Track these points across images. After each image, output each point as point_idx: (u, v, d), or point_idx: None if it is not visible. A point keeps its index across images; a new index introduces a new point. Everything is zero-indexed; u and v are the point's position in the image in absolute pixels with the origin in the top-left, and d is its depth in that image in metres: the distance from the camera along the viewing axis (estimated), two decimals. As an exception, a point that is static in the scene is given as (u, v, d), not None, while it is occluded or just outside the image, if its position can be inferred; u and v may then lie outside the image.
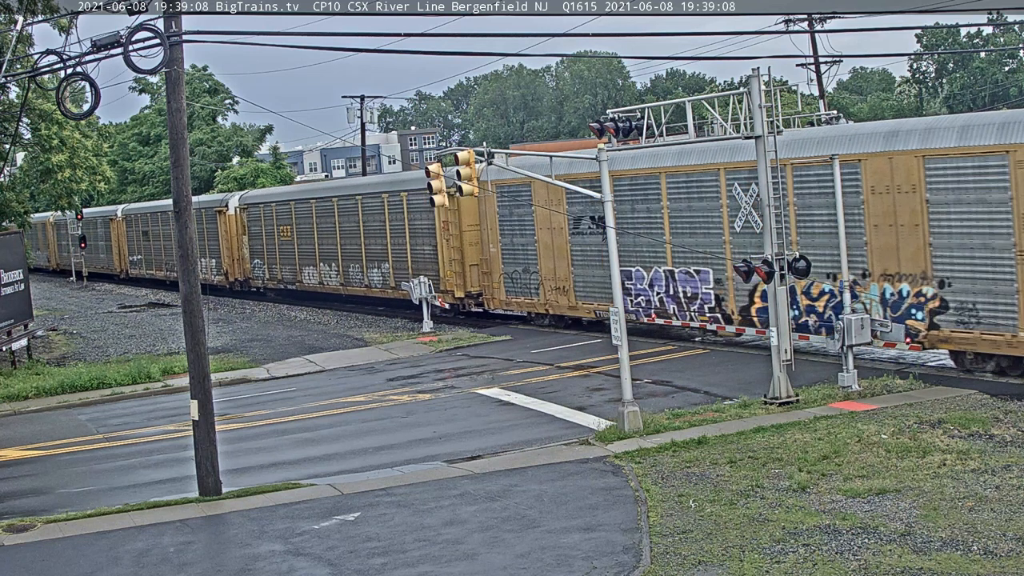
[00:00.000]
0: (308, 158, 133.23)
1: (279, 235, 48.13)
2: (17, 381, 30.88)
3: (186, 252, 18.52)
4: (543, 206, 32.51)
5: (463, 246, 36.67)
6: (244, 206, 51.22)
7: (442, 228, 37.03)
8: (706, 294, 28.11)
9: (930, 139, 22.43)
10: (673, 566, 12.98)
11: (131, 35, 17.08)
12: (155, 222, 60.29)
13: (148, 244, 61.63)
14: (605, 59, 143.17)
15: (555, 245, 32.76)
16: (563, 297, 32.84)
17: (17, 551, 15.79)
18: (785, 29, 47.54)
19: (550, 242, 32.93)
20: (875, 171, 23.47)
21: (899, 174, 22.94)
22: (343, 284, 43.87)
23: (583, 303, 32.09)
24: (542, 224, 33.12)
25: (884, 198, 23.26)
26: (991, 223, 21.41)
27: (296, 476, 19.05)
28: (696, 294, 28.41)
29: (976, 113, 22.85)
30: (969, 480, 15.35)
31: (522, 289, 34.57)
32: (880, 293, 23.81)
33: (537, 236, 33.49)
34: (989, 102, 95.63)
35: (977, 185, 21.54)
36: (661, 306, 29.47)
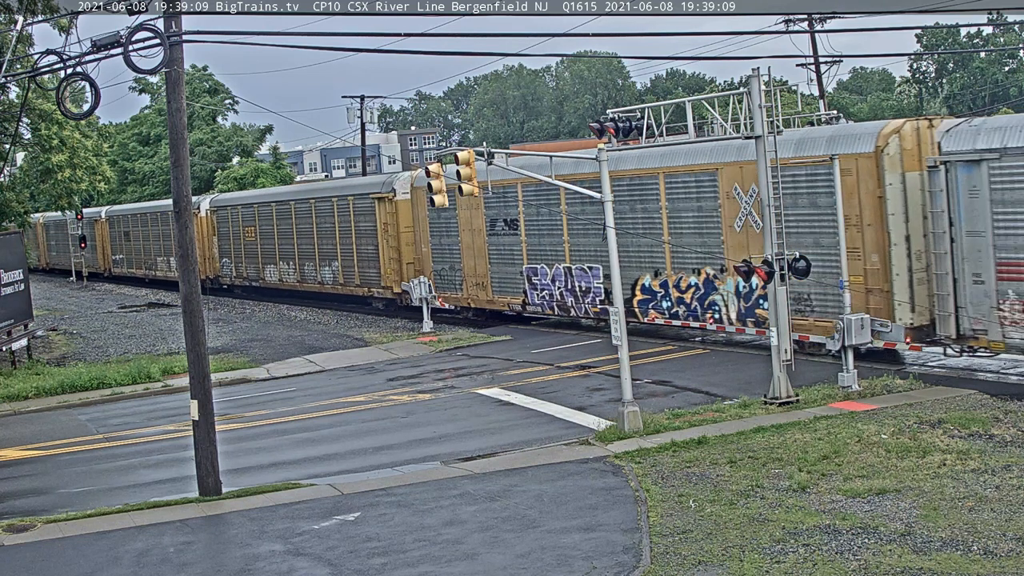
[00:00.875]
0: (308, 158, 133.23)
1: (244, 236, 51.33)
2: (17, 381, 30.88)
3: (186, 252, 18.53)
4: (465, 209, 35.60)
5: (400, 246, 39.88)
6: (214, 208, 54.64)
7: (382, 230, 40.38)
8: (597, 288, 31.44)
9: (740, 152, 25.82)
10: (673, 566, 12.98)
11: (131, 35, 17.08)
12: (135, 224, 63.02)
13: (129, 244, 64.81)
14: (605, 59, 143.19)
15: (475, 246, 35.91)
16: (482, 292, 36.08)
17: (17, 551, 15.79)
18: (785, 29, 47.56)
19: (471, 243, 36.07)
20: (729, 178, 26.63)
21: (748, 181, 25.87)
22: (299, 281, 47.42)
23: (499, 297, 35.33)
24: (464, 227, 36.21)
25: (734, 202, 26.44)
26: (820, 224, 24.45)
27: (296, 476, 19.05)
28: (589, 288, 31.71)
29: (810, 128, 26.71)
30: (969, 480, 15.35)
31: (449, 285, 37.60)
32: (735, 286, 26.95)
33: (460, 237, 36.54)
34: (989, 102, 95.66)
35: (809, 190, 24.52)
36: (561, 299, 32.76)
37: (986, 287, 21.68)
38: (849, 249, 23.44)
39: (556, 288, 32.79)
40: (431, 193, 22.32)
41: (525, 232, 33.66)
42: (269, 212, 49.03)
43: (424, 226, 38.37)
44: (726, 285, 27.02)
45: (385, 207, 40.19)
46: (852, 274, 23.56)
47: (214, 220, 54.39)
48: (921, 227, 23.40)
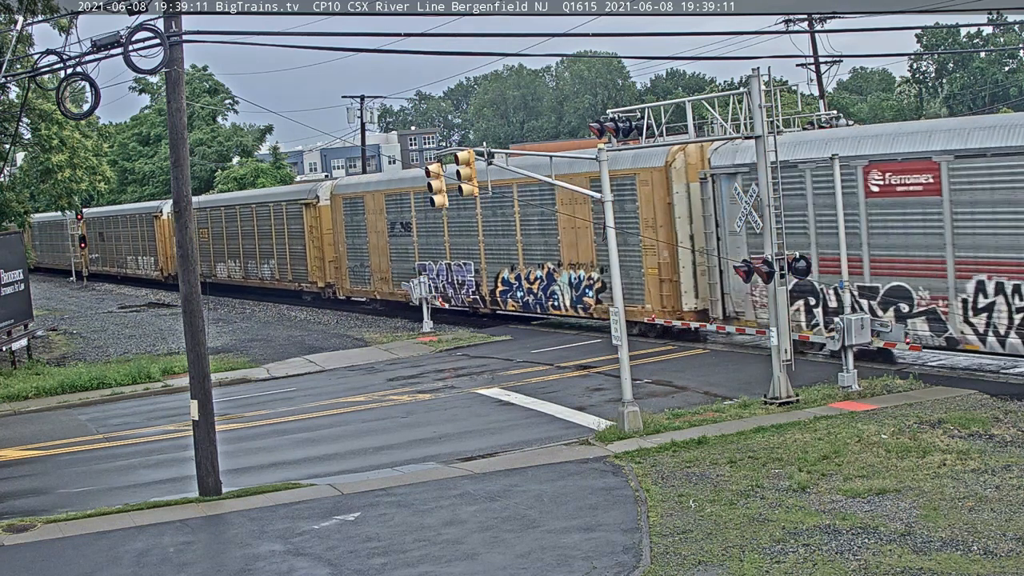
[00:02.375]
0: (308, 158, 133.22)
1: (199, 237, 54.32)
2: (17, 381, 30.88)
3: (186, 252, 18.54)
4: (372, 213, 41.36)
5: (323, 246, 45.14)
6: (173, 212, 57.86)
7: (308, 232, 45.64)
8: (470, 281, 36.65)
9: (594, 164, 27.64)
10: (673, 566, 12.98)
11: (131, 35, 17.08)
12: (109, 225, 67.75)
13: (104, 244, 69.65)
14: (605, 59, 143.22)
15: (379, 245, 41.24)
16: (385, 285, 41.33)
17: (17, 551, 15.79)
18: (785, 29, 47.57)
19: (376, 243, 41.35)
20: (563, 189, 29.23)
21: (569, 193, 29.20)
22: (244, 277, 52.74)
23: (398, 289, 40.33)
24: (371, 229, 41.52)
25: (569, 207, 31.16)
26: (628, 225, 29.43)
27: (296, 476, 19.05)
28: (464, 281, 36.94)
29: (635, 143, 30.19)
30: (969, 480, 15.35)
31: (360, 280, 42.90)
32: (568, 278, 32.29)
33: (368, 238, 41.82)
34: (989, 102, 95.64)
35: (619, 197, 28.21)
36: (444, 290, 37.94)
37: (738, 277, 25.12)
38: (646, 246, 29.06)
39: (440, 281, 37.99)
40: (431, 193, 22.32)
41: (417, 234, 39.11)
42: (219, 215, 54.21)
43: (341, 228, 43.49)
44: (562, 278, 32.74)
45: (311, 212, 45.51)
46: (649, 267, 29.28)
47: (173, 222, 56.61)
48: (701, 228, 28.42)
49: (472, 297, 36.52)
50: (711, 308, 28.27)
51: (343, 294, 44.56)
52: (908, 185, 23.44)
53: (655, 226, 29.00)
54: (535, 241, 33.54)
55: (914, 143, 23.10)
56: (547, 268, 32.93)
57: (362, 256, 42.30)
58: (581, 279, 31.77)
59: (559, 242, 32.57)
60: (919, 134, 23.33)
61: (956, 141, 22.10)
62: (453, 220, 36.82)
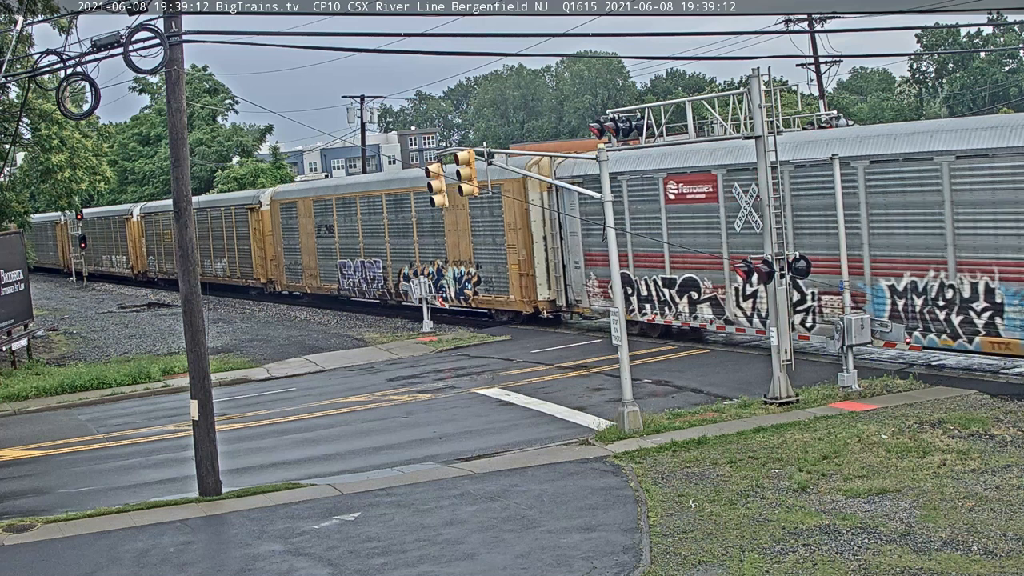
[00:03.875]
0: (308, 158, 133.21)
1: (164, 238, 61.04)
2: (17, 381, 30.87)
3: (186, 252, 18.52)
4: (302, 217, 46.58)
5: (265, 246, 50.38)
6: (143, 214, 65.06)
7: (253, 234, 50.65)
8: (379, 277, 41.54)
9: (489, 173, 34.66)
10: (673, 566, 12.98)
11: (131, 35, 17.08)
12: (87, 227, 71.30)
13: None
14: (605, 59, 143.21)
15: (308, 245, 46.34)
16: (314, 280, 46.47)
17: (17, 551, 15.79)
18: (785, 29, 47.56)
19: (306, 243, 46.50)
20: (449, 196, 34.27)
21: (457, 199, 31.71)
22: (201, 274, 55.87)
23: (324, 284, 45.66)
24: (302, 231, 46.81)
25: (452, 212, 35.85)
26: (495, 227, 35.15)
27: (296, 476, 19.05)
28: (375, 277, 41.76)
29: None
30: (969, 480, 15.35)
31: (294, 276, 48.19)
32: (452, 273, 37.39)
33: (299, 239, 47.03)
34: (989, 102, 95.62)
35: (488, 203, 34.38)
36: (359, 285, 42.76)
37: (580, 271, 32.59)
38: (509, 245, 34.59)
39: (356, 277, 43.00)
40: (432, 193, 22.31)
41: (338, 235, 44.05)
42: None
43: (279, 231, 48.85)
44: (449, 273, 37.73)
45: (255, 216, 50.64)
46: (512, 264, 34.60)
47: (143, 224, 64.66)
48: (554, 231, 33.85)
49: (381, 291, 41.72)
50: (557, 297, 34.07)
51: (281, 289, 50.13)
52: (695, 194, 28.08)
53: (516, 229, 34.32)
54: (428, 242, 38.81)
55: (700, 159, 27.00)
56: (437, 265, 38.33)
57: (295, 255, 47.65)
58: (463, 274, 36.98)
59: (446, 243, 37.75)
60: (703, 152, 27.00)
61: (730, 157, 25.73)
62: (366, 223, 42.20)
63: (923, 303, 23.00)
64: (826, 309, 24.73)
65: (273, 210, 49.27)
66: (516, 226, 34.31)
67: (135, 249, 65.82)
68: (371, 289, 42.16)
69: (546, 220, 33.77)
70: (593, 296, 31.93)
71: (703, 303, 28.27)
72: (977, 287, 21.89)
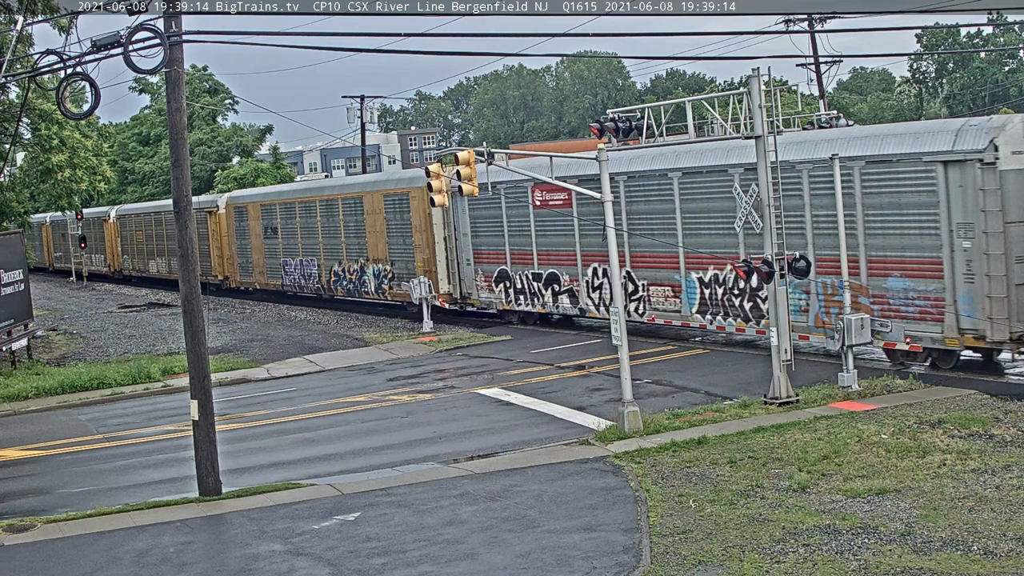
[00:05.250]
0: (308, 158, 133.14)
1: (136, 238, 66.92)
2: (17, 381, 30.87)
3: (186, 252, 18.52)
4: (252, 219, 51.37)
5: (222, 246, 54.94)
6: (119, 216, 70.39)
7: (211, 235, 55.20)
8: (315, 274, 46.38)
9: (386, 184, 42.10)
10: (673, 566, 12.98)
11: (131, 35, 17.07)
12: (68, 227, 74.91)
13: (65, 244, 77.62)
14: (605, 59, 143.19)
15: (257, 246, 51.27)
16: (262, 277, 51.26)
17: (17, 551, 15.79)
18: (785, 29, 47.55)
19: (255, 244, 51.35)
20: (369, 202, 41.91)
21: (375, 204, 41.41)
22: (168, 271, 62.12)
23: (270, 280, 50.61)
24: (252, 232, 51.51)
25: (372, 216, 41.41)
26: (404, 229, 39.80)
27: (296, 476, 19.05)
28: (311, 274, 46.58)
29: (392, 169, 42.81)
30: (969, 480, 15.35)
31: (246, 273, 52.65)
32: (372, 270, 41.92)
33: (249, 240, 51.54)
34: (989, 102, 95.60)
35: (399, 209, 39.84)
36: (299, 281, 47.81)
37: (471, 267, 37.11)
38: (416, 245, 39.08)
39: (297, 274, 47.79)
40: (431, 193, 22.31)
41: (281, 236, 48.84)
42: (149, 220, 65.25)
43: (232, 232, 53.55)
44: (370, 270, 42.17)
45: (213, 218, 55.19)
46: (418, 261, 38.87)
47: (118, 225, 69.96)
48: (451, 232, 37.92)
49: (316, 286, 46.32)
50: (454, 291, 38.17)
51: (235, 285, 54.50)
52: (555, 201, 32.76)
53: (421, 231, 38.82)
54: (353, 242, 43.25)
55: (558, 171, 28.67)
56: (360, 263, 42.82)
57: (247, 254, 52.33)
58: (380, 271, 41.45)
59: (367, 243, 42.17)
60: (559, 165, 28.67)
61: (583, 169, 27.41)
62: (303, 225, 47.05)
63: (723, 293, 27.58)
64: (653, 298, 29.91)
65: (228, 213, 53.76)
66: (421, 228, 38.75)
67: (111, 248, 71.02)
68: (308, 284, 47.20)
69: (446, 223, 38.06)
70: (481, 289, 36.77)
71: (563, 294, 33.14)
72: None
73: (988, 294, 21.49)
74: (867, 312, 23.21)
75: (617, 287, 20.89)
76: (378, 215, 40.94)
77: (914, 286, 23.09)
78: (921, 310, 22.99)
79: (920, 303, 23.01)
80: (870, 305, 23.68)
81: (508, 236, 35.06)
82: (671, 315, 29.44)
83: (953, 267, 22.17)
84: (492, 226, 35.77)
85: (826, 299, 24.85)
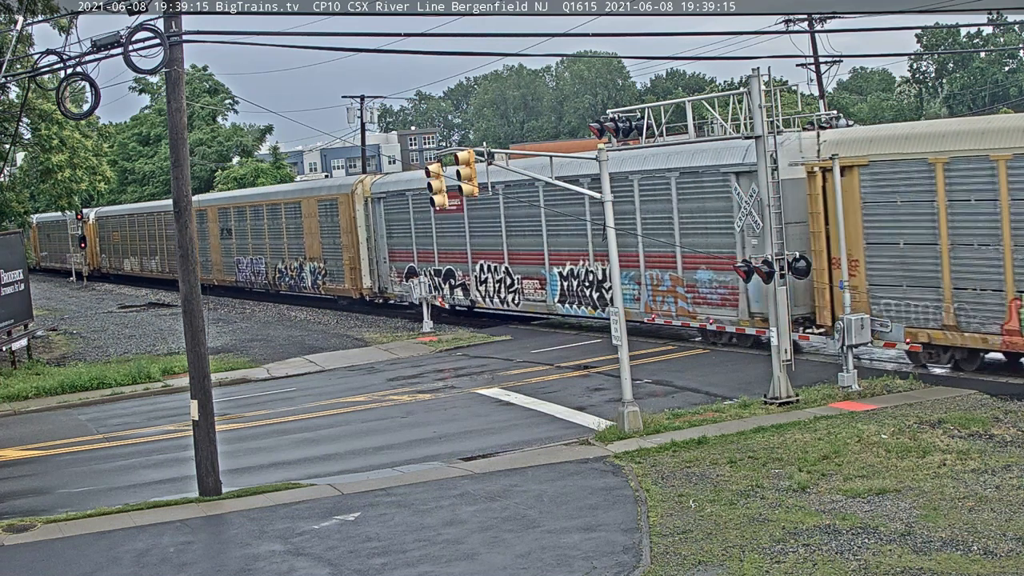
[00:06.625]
0: (308, 158, 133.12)
1: (113, 239, 72.09)
2: (17, 381, 30.86)
3: (186, 252, 18.53)
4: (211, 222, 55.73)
5: None
6: (97, 218, 75.40)
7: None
8: (262, 271, 50.97)
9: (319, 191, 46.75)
10: (673, 566, 12.98)
11: (131, 35, 17.07)
12: (53, 228, 79.80)
13: (50, 244, 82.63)
14: (605, 59, 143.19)
15: (215, 245, 55.74)
16: (219, 274, 55.62)
17: (17, 551, 15.79)
18: (785, 29, 47.54)
19: (214, 243, 55.85)
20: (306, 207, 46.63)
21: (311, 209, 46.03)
22: (141, 269, 67.62)
23: (226, 277, 54.82)
24: (211, 233, 55.89)
25: (308, 220, 45.84)
26: (334, 231, 44.02)
27: (296, 476, 19.05)
28: (260, 271, 51.26)
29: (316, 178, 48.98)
30: (969, 480, 15.35)
31: (206, 271, 55.05)
32: (309, 268, 46.33)
33: (209, 240, 56.03)
34: (989, 102, 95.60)
35: (330, 213, 44.19)
36: (250, 276, 52.31)
37: (387, 265, 41.76)
38: (344, 245, 43.36)
39: (248, 271, 52.38)
40: (431, 193, 22.32)
41: (235, 237, 53.46)
42: (124, 221, 70.12)
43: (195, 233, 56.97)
44: (307, 268, 46.58)
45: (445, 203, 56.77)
46: (345, 260, 43.20)
47: (97, 227, 74.83)
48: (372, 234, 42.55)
49: (264, 282, 51.07)
50: (373, 285, 42.40)
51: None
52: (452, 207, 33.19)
53: (348, 232, 43.01)
54: (293, 243, 47.86)
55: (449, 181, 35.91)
56: (299, 260, 47.41)
57: (207, 253, 55.90)
58: (316, 268, 45.93)
59: (304, 243, 46.83)
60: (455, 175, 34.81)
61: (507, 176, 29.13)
62: (253, 227, 51.63)
63: (577, 285, 31.92)
64: (526, 290, 34.48)
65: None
66: (348, 231, 43.05)
67: (91, 248, 75.69)
68: (258, 281, 51.83)
69: (368, 225, 42.49)
70: (395, 284, 41.38)
71: (458, 288, 37.60)
72: (607, 271, 29.41)
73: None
74: (682, 299, 28.57)
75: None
76: (313, 219, 45.63)
77: (716, 277, 27.43)
78: (722, 298, 27.44)
79: (721, 292, 27.45)
80: (685, 294, 28.47)
81: (415, 237, 39.72)
82: (539, 304, 34.16)
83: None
84: (403, 229, 40.56)
85: (653, 289, 29.57)
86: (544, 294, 33.71)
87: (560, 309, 33.14)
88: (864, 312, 23.10)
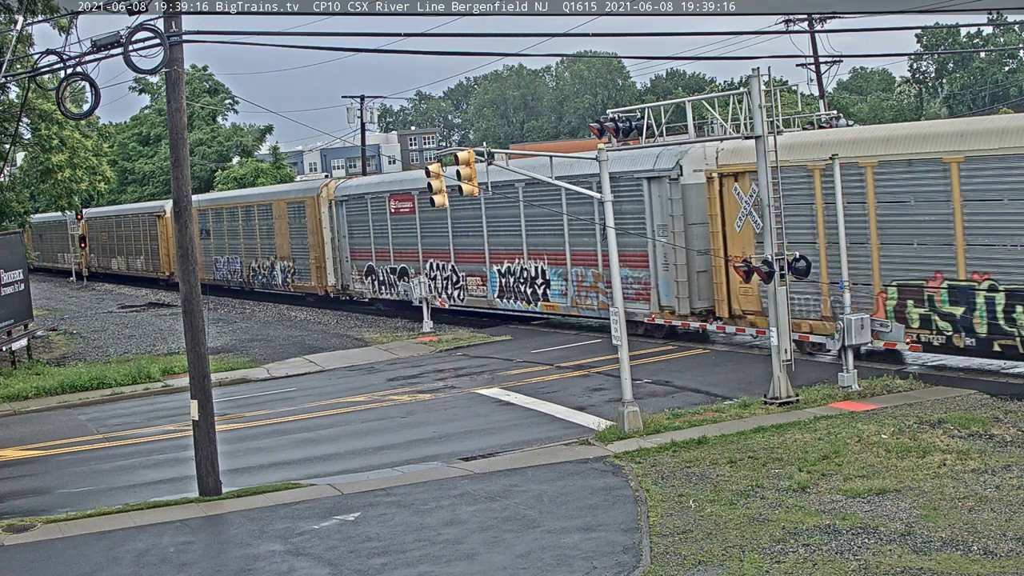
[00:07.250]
0: (308, 158, 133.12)
1: (101, 238, 75.11)
2: (17, 381, 30.87)
3: (186, 252, 18.54)
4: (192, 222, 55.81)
5: (168, 246, 60.94)
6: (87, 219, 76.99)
7: (160, 236, 62.41)
8: (238, 270, 53.71)
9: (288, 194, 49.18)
10: (673, 566, 12.98)
11: (131, 35, 17.08)
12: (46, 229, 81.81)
13: (42, 244, 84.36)
14: (605, 59, 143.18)
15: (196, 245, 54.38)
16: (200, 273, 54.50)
17: (17, 551, 15.79)
18: (785, 29, 47.55)
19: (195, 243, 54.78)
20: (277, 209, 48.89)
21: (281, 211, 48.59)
22: (127, 268, 70.37)
23: (205, 276, 51.75)
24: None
25: (279, 221, 48.45)
26: (302, 232, 46.67)
27: (296, 476, 19.05)
28: (236, 270, 53.93)
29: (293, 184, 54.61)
30: (969, 480, 15.35)
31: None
32: (280, 267, 49.08)
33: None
34: (989, 102, 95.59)
35: (298, 215, 46.95)
36: (226, 276, 54.90)
37: (349, 263, 43.94)
38: (310, 245, 45.89)
39: (225, 270, 55.13)
40: (431, 193, 22.32)
41: (213, 236, 55.97)
42: (111, 223, 73.05)
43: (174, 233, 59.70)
44: (278, 267, 49.41)
45: (161, 222, 62.35)
46: (312, 259, 45.99)
47: (86, 227, 76.80)
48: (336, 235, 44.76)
49: (240, 280, 53.54)
50: (338, 282, 44.74)
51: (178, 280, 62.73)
52: (404, 209, 39.70)
53: (314, 233, 45.62)
54: (266, 243, 50.38)
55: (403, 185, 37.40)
56: (271, 260, 50.03)
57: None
58: (286, 267, 48.64)
59: (275, 244, 49.36)
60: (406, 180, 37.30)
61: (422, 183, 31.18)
62: (229, 228, 54.39)
63: (514, 281, 34.33)
64: (469, 287, 36.88)
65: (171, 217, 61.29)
66: (314, 231, 45.63)
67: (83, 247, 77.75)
68: (233, 279, 54.37)
69: (332, 226, 44.77)
70: (356, 282, 43.64)
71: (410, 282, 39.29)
72: (538, 269, 33.64)
73: (676, 279, 28.76)
74: (602, 294, 31.03)
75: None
76: (283, 220, 48.28)
77: (632, 274, 29.87)
78: (637, 292, 29.88)
79: (636, 287, 29.89)
80: (605, 289, 30.54)
81: (373, 238, 42.18)
82: (481, 300, 36.50)
83: (655, 259, 29.34)
84: (363, 230, 42.85)
85: (578, 285, 32.31)
86: (485, 290, 36.19)
87: (499, 304, 35.54)
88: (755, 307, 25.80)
